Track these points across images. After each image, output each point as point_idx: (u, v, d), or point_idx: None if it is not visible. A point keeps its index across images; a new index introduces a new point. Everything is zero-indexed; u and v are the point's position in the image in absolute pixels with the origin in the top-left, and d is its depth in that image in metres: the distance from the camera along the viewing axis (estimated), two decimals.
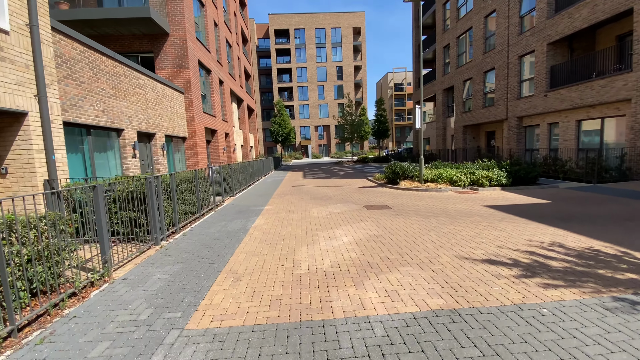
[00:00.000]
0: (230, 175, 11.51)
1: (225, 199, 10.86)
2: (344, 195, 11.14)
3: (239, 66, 26.03)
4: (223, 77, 19.62)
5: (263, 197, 11.44)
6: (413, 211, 7.91)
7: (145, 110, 10.47)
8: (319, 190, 12.59)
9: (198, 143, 14.21)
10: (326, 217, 7.58)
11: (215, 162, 17.52)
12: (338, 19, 56.80)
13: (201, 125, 14.84)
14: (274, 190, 13.19)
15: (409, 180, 12.47)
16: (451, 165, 13.24)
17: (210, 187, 9.65)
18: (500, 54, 19.58)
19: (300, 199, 10.68)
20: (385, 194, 10.91)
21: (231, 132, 20.96)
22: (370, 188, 12.73)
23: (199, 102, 14.74)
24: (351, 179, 16.64)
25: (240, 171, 13.75)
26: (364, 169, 24.59)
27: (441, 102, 27.39)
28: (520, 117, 18.44)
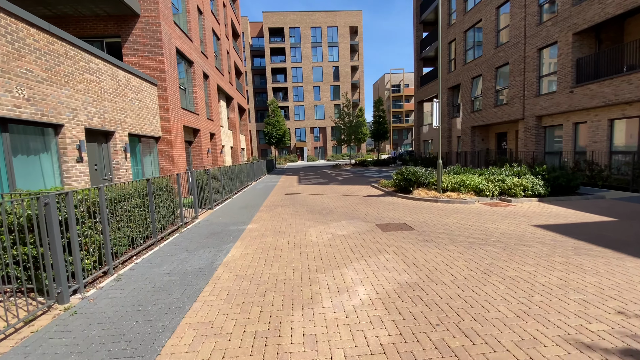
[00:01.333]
0: (208, 183, 9.41)
1: (201, 213, 8.75)
2: (347, 207, 9.10)
3: (229, 61, 23.96)
4: (208, 71, 17.54)
5: (248, 209, 9.35)
6: (445, 234, 5.90)
7: (100, 102, 8.35)
8: (317, 200, 10.54)
9: (174, 144, 12.08)
10: (329, 243, 5.52)
11: (198, 165, 15.39)
12: (334, 17, 55.11)
13: (179, 123, 12.72)
14: (263, 200, 11.11)
15: (423, 189, 10.48)
16: (472, 171, 11.28)
17: (186, 198, 7.54)
18: (515, 47, 17.78)
19: (294, 212, 8.62)
20: (398, 207, 8.90)
21: (218, 133, 18.84)
22: (377, 197, 10.71)
23: (176, 96, 12.63)
24: (353, 185, 14.61)
25: (224, 177, 11.66)
26: (364, 173, 22.62)
27: (446, 101, 25.58)
28: (540, 117, 16.63)
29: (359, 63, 56.81)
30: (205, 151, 15.84)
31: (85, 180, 7.52)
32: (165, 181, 6.86)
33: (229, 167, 12.41)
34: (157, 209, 6.30)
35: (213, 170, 10.39)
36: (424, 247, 5.16)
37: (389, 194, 11.30)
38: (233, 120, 24.54)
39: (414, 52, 31.45)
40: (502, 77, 19.37)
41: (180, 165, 12.56)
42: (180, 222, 7.19)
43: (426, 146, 31.14)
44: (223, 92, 21.97)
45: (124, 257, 4.89)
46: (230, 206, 10.04)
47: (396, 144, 72.86)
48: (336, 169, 28.94)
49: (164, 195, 6.69)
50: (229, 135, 23.17)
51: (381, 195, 11.26)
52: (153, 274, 4.33)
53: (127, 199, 5.23)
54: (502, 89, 19.28)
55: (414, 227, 6.46)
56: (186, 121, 13.63)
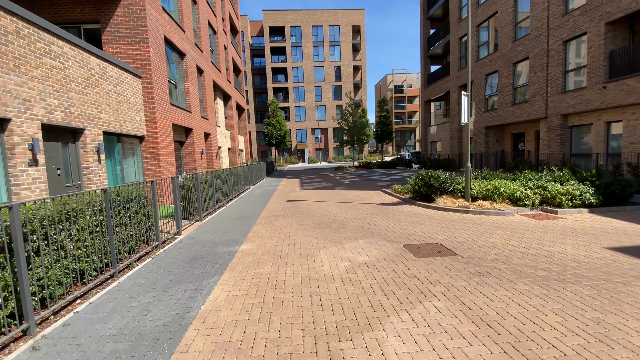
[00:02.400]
0: (197, 190, 7.96)
1: (186, 227, 7.29)
2: (361, 218, 7.65)
3: (226, 57, 22.58)
4: (203, 65, 16.13)
5: (244, 221, 7.89)
6: (501, 262, 4.45)
7: (65, 93, 6.92)
8: (324, 209, 9.09)
9: (161, 144, 10.65)
10: (348, 277, 4.07)
11: (191, 168, 13.95)
12: (336, 16, 53.85)
13: (167, 120, 11.29)
14: (261, 208, 9.66)
15: (448, 196, 9.03)
16: (504, 175, 9.83)
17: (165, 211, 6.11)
18: (536, 40, 16.38)
19: (297, 225, 7.16)
20: (423, 219, 7.44)
21: (214, 132, 17.42)
22: (393, 206, 9.26)
23: (164, 91, 11.21)
24: (361, 191, 13.16)
25: (217, 181, 10.22)
26: (370, 176, 21.17)
27: (456, 100, 24.17)
28: (565, 115, 15.19)
29: (362, 63, 55.51)
30: (198, 152, 14.41)
31: (41, 188, 6.08)
32: (137, 190, 5.42)
33: (223, 170, 10.96)
34: (124, 227, 4.85)
35: (204, 174, 8.94)
36: (484, 285, 3.70)
37: (406, 201, 9.85)
38: (231, 119, 23.12)
39: (421, 49, 30.08)
40: (520, 73, 17.96)
41: (169, 168, 11.11)
42: (157, 240, 5.73)
43: (433, 148, 29.71)
44: (220, 89, 20.58)
45: (61, 303, 3.44)
46: (223, 217, 8.58)
47: (399, 145, 71.46)
48: (339, 171, 27.51)
49: (135, 209, 5.24)
50: (226, 136, 21.75)
51: (397, 203, 9.80)
52: (92, 337, 2.87)
53: (73, 217, 3.78)
54: (520, 86, 17.86)
55: (454, 251, 5.01)
56: (176, 119, 12.20)
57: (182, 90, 13.65)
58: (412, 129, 71.21)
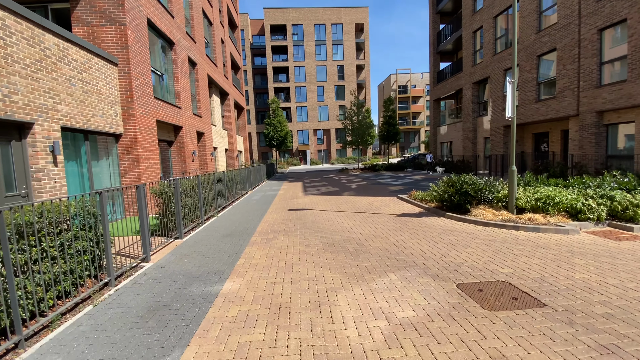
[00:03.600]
0: (176, 200, 6.36)
1: (157, 250, 5.69)
2: (383, 236, 6.03)
3: (224, 52, 21.06)
4: (196, 57, 14.59)
5: (234, 240, 6.28)
6: (623, 322, 2.82)
7: (4, 76, 5.35)
8: (333, 222, 7.48)
9: (141, 143, 9.08)
10: (390, 356, 2.45)
11: (180, 171, 12.38)
12: (339, 14, 52.44)
13: (149, 116, 9.73)
14: (258, 220, 8.05)
15: (487, 207, 7.40)
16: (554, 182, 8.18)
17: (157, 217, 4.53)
18: (565, 29, 14.77)
19: (303, 247, 5.55)
20: (464, 238, 5.82)
21: (208, 132, 15.86)
22: (418, 218, 7.63)
23: (146, 82, 9.64)
24: (373, 197, 11.54)
25: (207, 188, 8.63)
26: (378, 179, 19.55)
27: (470, 98, 22.56)
28: (601, 112, 13.55)
29: (365, 62, 54.03)
30: (189, 153, 12.83)
31: None
32: (80, 205, 3.83)
33: (215, 174, 9.38)
34: (52, 261, 3.26)
35: (187, 180, 7.35)
36: None
37: (432, 212, 8.22)
38: (228, 118, 21.57)
39: (430, 45, 28.53)
40: (546, 66, 16.34)
41: (151, 171, 9.53)
42: (110, 275, 4.13)
43: (443, 149, 28.08)
44: (216, 85, 19.04)
45: None
46: (210, 232, 6.97)
47: (403, 147, 69.83)
48: (344, 174, 25.90)
49: (74, 232, 3.65)
50: (223, 136, 20.19)
51: (422, 214, 8.17)
52: None
53: None
54: (546, 81, 16.24)
55: (538, 297, 3.38)
56: (162, 115, 10.63)
57: (170, 83, 12.10)
58: (417, 130, 69.62)
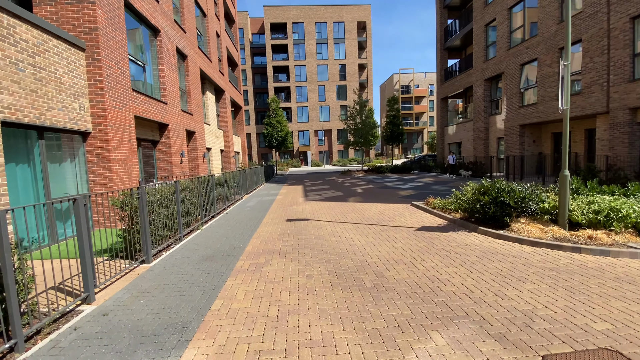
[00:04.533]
0: (141, 214, 4.98)
1: (111, 282, 4.32)
2: (407, 261, 4.67)
3: (219, 46, 19.76)
4: (186, 49, 13.27)
5: (214, 266, 4.92)
6: None
7: None
8: (341, 238, 6.11)
9: (113, 142, 7.73)
10: None
11: (166, 174, 11.03)
12: (341, 12, 51.19)
13: (125, 111, 8.38)
14: (249, 234, 6.69)
15: (530, 221, 6.02)
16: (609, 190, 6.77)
17: None
18: (592, 18, 13.42)
19: (304, 280, 4.19)
20: (515, 266, 4.46)
21: (200, 131, 14.53)
22: (445, 234, 6.27)
23: (121, 71, 8.30)
24: (383, 204, 10.17)
25: (191, 195, 7.28)
26: (384, 182, 18.18)
27: (481, 95, 21.20)
28: (635, 109, 12.18)
29: (368, 61, 52.73)
30: (176, 154, 11.49)
31: None
32: None
33: (201, 179, 8.02)
34: None
35: (162, 187, 6.00)
36: None
37: (459, 225, 6.85)
38: (224, 117, 20.24)
39: (437, 41, 27.20)
40: None
41: (127, 175, 8.18)
42: (14, 338, 2.76)
43: (451, 149, 26.68)
44: (210, 81, 17.72)
45: None
46: (187, 253, 5.61)
47: (405, 148, 68.45)
48: (347, 176, 24.54)
49: None
50: (218, 136, 18.86)
51: (447, 227, 6.80)
52: None
53: None
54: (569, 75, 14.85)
55: None
56: (143, 110, 9.29)
57: (154, 75, 10.77)
58: (419, 130, 68.30)
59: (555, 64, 15.30)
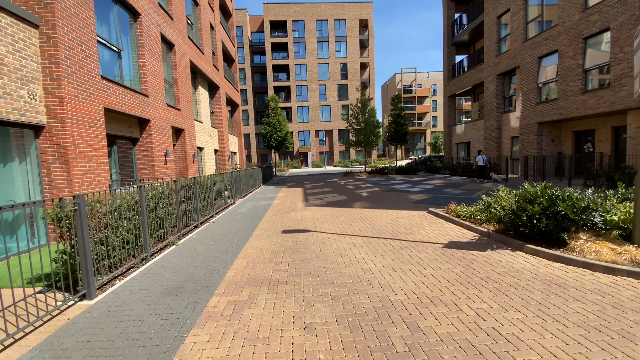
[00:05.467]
0: (80, 233, 3.65)
1: (27, 333, 2.98)
2: (446, 300, 3.33)
3: (213, 38, 18.48)
4: (174, 38, 11.99)
5: (178, 304, 3.58)
6: None
7: None
8: (351, 259, 4.79)
9: (73, 138, 6.43)
10: None
11: (147, 176, 9.72)
12: (342, 9, 49.99)
13: (92, 102, 7.07)
14: (234, 254, 5.35)
15: (592, 236, 4.68)
16: None
17: None
18: (622, 4, 12.10)
19: (301, 332, 2.85)
20: (604, 308, 3.13)
21: (189, 128, 13.22)
22: (483, 253, 4.93)
23: (86, 54, 6.99)
24: (395, 210, 8.84)
25: (165, 203, 5.96)
26: (391, 184, 16.85)
27: (493, 92, 19.88)
28: None
29: (369, 59, 51.48)
30: (159, 154, 10.18)
31: None
32: None
33: (175, 183, 6.70)
34: None
35: (124, 194, 4.69)
36: None
37: (496, 240, 5.51)
38: (219, 115, 18.94)
39: (444, 36, 25.92)
40: (594, 50, 13.67)
41: (91, 177, 6.87)
42: None
43: (459, 150, 25.38)
44: (204, 76, 16.43)
45: None
46: (148, 283, 4.27)
47: (408, 149, 67.12)
48: (350, 178, 23.22)
49: None
50: (212, 135, 17.55)
51: (482, 243, 5.46)
52: None
53: None
54: (595, 67, 13.55)
55: None
56: (115, 102, 7.98)
57: (135, 64, 9.47)
58: (422, 131, 67.03)
59: (579, 55, 13.98)
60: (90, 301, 3.66)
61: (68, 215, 3.58)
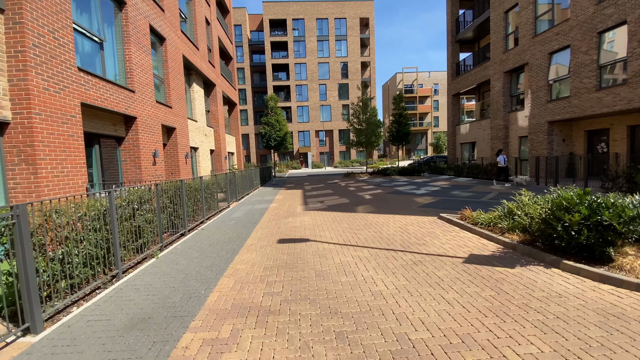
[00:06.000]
0: (21, 254, 2.91)
1: None
2: (481, 341, 2.61)
3: (209, 34, 17.77)
4: (165, 31, 11.27)
5: (135, 346, 2.85)
6: None
7: None
8: (357, 278, 4.06)
9: (42, 137, 5.70)
10: None
11: (133, 178, 8.99)
12: (343, 8, 49.30)
13: (66, 96, 6.34)
14: (220, 270, 4.62)
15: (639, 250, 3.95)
16: None
17: None
18: None
19: None
20: None
21: (182, 127, 12.50)
22: (512, 270, 4.20)
23: (62, 43, 6.26)
24: (402, 215, 8.10)
25: (144, 210, 5.24)
26: (394, 186, 16.12)
27: (500, 90, 19.15)
28: None
29: (370, 59, 50.76)
30: (147, 154, 9.45)
31: None
32: None
33: (157, 186, 5.98)
34: None
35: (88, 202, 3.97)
36: None
37: (524, 252, 4.78)
38: (215, 114, 18.22)
39: (448, 33, 25.21)
40: (610, 45, 12.95)
41: (65, 180, 6.14)
42: None
43: (464, 150, 24.65)
44: (198, 73, 15.71)
45: None
46: (109, 311, 3.53)
47: (409, 149, 66.37)
48: (351, 179, 22.50)
49: None
50: (207, 134, 16.83)
51: (507, 256, 4.74)
52: None
53: None
54: (611, 63, 12.82)
55: None
56: (95, 97, 7.26)
57: (121, 58, 8.74)
58: (424, 131, 66.32)
59: (593, 50, 13.25)
60: (34, 337, 2.93)
61: (2, 230, 2.86)
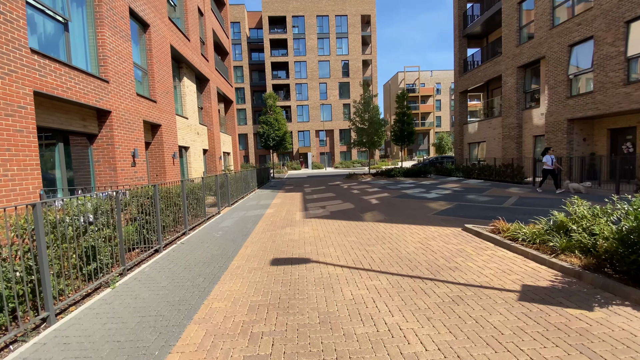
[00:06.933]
0: None
1: None
2: None
3: (203, 26, 16.60)
4: (149, 17, 10.09)
5: None
6: None
7: None
8: (380, 325, 2.88)
9: None
10: None
11: (108, 181, 7.81)
12: (344, 5, 48.17)
13: (12, 82, 5.15)
14: (185, 316, 3.42)
15: None
16: None
17: None
18: None
19: None
20: None
21: (169, 124, 11.32)
22: (599, 317, 3.03)
23: (8, 20, 5.07)
24: (418, 226, 6.92)
25: (100, 223, 4.07)
26: (401, 188, 14.93)
27: (513, 86, 17.98)
28: None
29: (372, 57, 49.59)
30: (125, 154, 8.26)
31: None
32: None
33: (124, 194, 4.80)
34: None
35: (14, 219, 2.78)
36: None
37: (593, 283, 3.60)
38: (209, 111, 17.03)
39: (454, 28, 24.07)
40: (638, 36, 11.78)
41: (9, 186, 4.96)
42: None
43: (472, 150, 23.49)
44: (190, 66, 14.53)
45: None
46: None
47: (411, 149, 65.17)
48: (353, 180, 21.32)
49: None
50: (199, 133, 15.65)
51: (574, 289, 3.56)
52: None
53: None
54: None
55: None
56: (54, 86, 6.06)
57: (92, 43, 7.56)
58: (426, 131, 65.13)
59: (620, 41, 12.09)
60: None
61: None
